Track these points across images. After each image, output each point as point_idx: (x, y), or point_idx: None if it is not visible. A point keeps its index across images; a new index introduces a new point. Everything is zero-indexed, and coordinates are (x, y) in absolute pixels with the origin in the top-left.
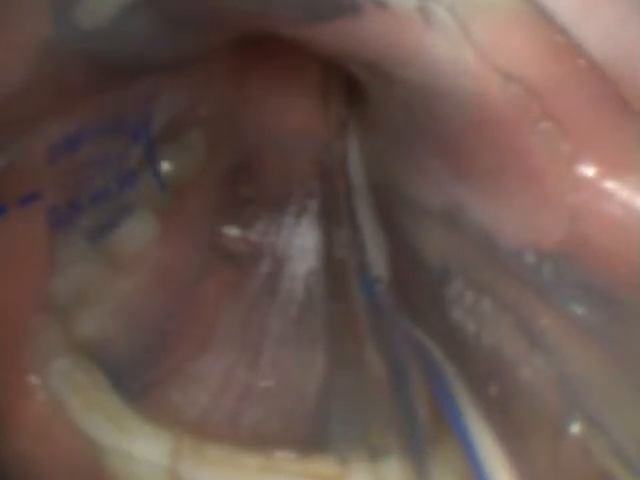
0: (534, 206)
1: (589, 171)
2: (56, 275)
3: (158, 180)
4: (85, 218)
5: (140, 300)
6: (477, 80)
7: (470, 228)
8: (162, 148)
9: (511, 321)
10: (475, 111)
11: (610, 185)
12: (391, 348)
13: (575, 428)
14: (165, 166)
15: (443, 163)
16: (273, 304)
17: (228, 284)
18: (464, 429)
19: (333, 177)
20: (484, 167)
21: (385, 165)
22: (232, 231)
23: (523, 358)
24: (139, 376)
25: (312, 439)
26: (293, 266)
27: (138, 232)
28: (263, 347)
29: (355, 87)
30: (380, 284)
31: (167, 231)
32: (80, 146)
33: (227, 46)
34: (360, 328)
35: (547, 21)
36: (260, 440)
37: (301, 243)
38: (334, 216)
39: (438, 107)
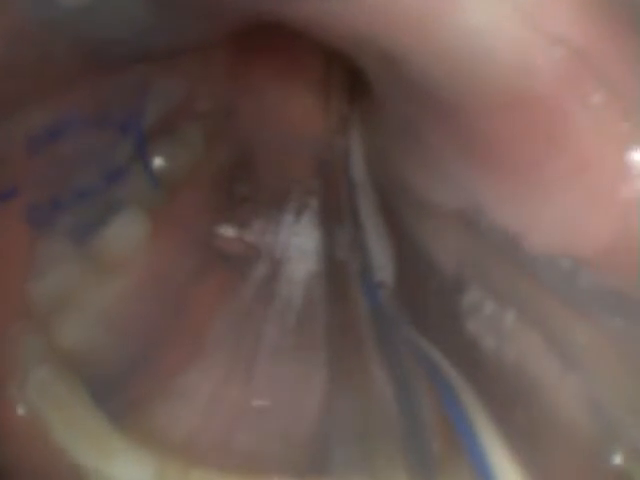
0: (578, 203)
1: None
2: (36, 279)
3: (150, 176)
4: (69, 217)
5: (127, 307)
6: (517, 47)
7: (491, 230)
8: (155, 143)
9: (539, 336)
10: (512, 85)
11: None
12: (397, 362)
13: (616, 460)
14: (158, 162)
15: (459, 154)
16: (269, 311)
17: (221, 288)
18: (481, 453)
19: (334, 174)
20: (515, 157)
21: (389, 161)
22: (228, 231)
23: (553, 379)
24: (123, 391)
25: (312, 464)
26: (291, 269)
27: (127, 232)
28: (257, 359)
29: (357, 82)
30: (384, 290)
31: (158, 231)
32: (62, 137)
33: (227, 39)
34: (363, 339)
35: None
36: (254, 465)
37: (300, 244)
38: (335, 215)
39: (459, 86)
